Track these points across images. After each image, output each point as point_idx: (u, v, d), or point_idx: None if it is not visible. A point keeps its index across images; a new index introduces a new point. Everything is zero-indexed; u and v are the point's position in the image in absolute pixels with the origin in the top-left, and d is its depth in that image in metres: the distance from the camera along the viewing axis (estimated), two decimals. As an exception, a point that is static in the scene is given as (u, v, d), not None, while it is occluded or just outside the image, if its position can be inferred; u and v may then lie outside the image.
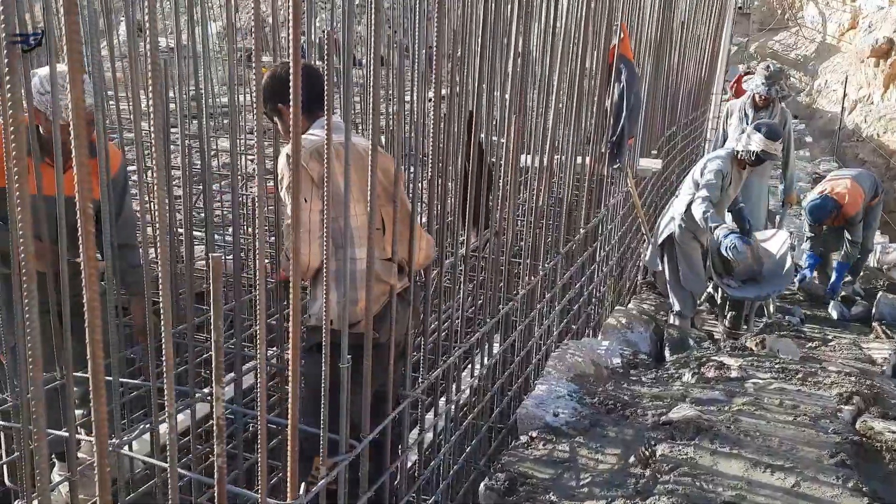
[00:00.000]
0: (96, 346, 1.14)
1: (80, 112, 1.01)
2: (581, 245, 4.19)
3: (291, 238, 2.24)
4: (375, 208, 1.90)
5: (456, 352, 2.56)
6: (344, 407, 1.89)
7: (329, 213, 1.70)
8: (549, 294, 3.66)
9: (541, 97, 3.25)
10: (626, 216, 5.65)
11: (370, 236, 1.89)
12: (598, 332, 4.79)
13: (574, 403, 2.89)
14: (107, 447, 1.17)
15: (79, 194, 1.03)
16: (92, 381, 1.14)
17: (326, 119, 1.67)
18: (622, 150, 4.61)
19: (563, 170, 3.75)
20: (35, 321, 1.02)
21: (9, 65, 0.94)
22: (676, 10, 6.48)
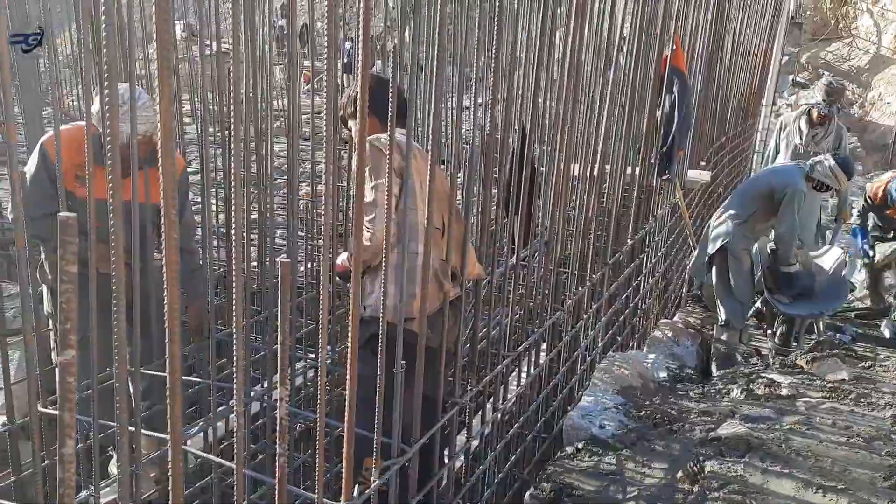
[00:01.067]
0: (175, 347, 1.19)
1: (168, 132, 1.06)
2: (628, 256, 4.17)
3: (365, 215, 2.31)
4: (434, 203, 1.92)
5: (504, 360, 2.57)
6: (397, 410, 1.92)
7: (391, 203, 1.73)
8: (596, 305, 3.65)
9: (592, 107, 3.25)
10: (672, 228, 5.60)
11: (428, 231, 1.92)
12: (643, 345, 4.75)
13: (620, 416, 2.87)
14: (180, 444, 1.21)
15: (164, 203, 1.08)
16: (169, 380, 1.19)
17: (389, 129, 1.70)
18: (672, 161, 4.57)
19: (612, 180, 3.73)
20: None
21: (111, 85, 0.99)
22: (729, 21, 6.41)
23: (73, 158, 2.67)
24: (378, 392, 1.82)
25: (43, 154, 2.73)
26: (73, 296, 0.97)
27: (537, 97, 2.64)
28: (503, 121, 2.54)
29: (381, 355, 1.80)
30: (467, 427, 2.41)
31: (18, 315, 3.83)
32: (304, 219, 4.24)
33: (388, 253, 1.79)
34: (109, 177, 1.18)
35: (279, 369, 1.45)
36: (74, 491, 1.05)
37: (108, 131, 1.15)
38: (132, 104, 2.07)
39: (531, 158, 2.73)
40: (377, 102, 1.92)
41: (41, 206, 2.67)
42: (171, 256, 1.13)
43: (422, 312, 1.99)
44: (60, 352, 0.98)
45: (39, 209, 2.68)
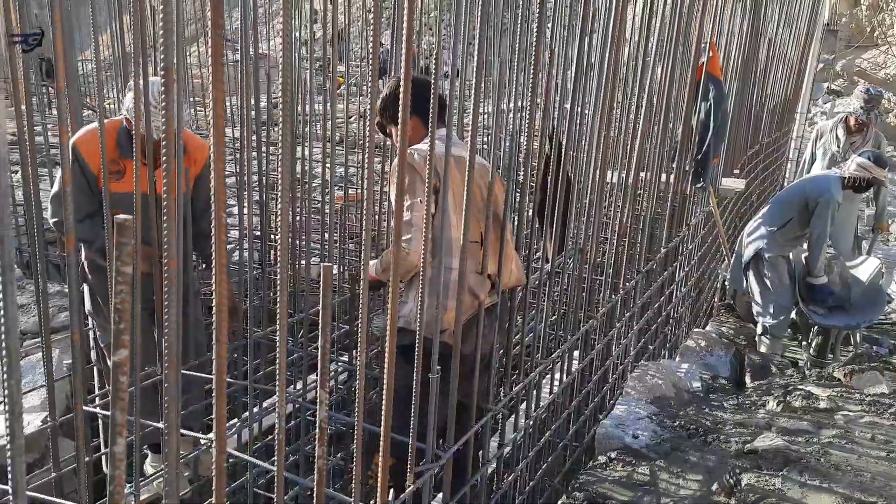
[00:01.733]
0: (222, 349, 1.20)
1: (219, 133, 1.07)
2: (661, 264, 4.13)
3: (398, 236, 2.31)
4: (470, 220, 1.92)
5: (538, 367, 2.56)
6: (432, 415, 1.92)
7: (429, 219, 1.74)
8: (629, 313, 3.62)
9: (628, 113, 3.23)
10: (705, 236, 5.54)
11: (464, 248, 1.91)
12: (675, 354, 4.70)
13: (654, 426, 2.84)
14: (225, 443, 1.23)
15: (216, 207, 1.09)
16: (215, 381, 1.20)
17: (430, 134, 1.70)
18: (707, 168, 4.52)
19: (647, 187, 3.71)
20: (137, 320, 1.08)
21: (166, 85, 1.01)
22: (764, 28, 6.33)
23: (106, 154, 2.72)
24: (411, 398, 1.83)
25: (75, 154, 2.74)
26: (128, 296, 0.99)
27: (574, 102, 2.64)
28: (539, 126, 2.54)
29: (416, 364, 1.80)
30: (500, 434, 2.40)
31: (56, 314, 3.90)
32: (338, 222, 4.27)
33: (425, 266, 1.79)
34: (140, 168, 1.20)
35: (320, 373, 1.46)
36: (124, 488, 1.06)
37: (154, 121, 1.17)
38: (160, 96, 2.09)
39: (564, 164, 2.72)
40: (417, 103, 1.85)
41: (81, 208, 2.70)
42: (220, 259, 1.14)
43: (457, 324, 1.98)
44: (114, 351, 1.00)
45: (80, 211, 2.71)
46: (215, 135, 1.08)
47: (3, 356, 0.89)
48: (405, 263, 2.32)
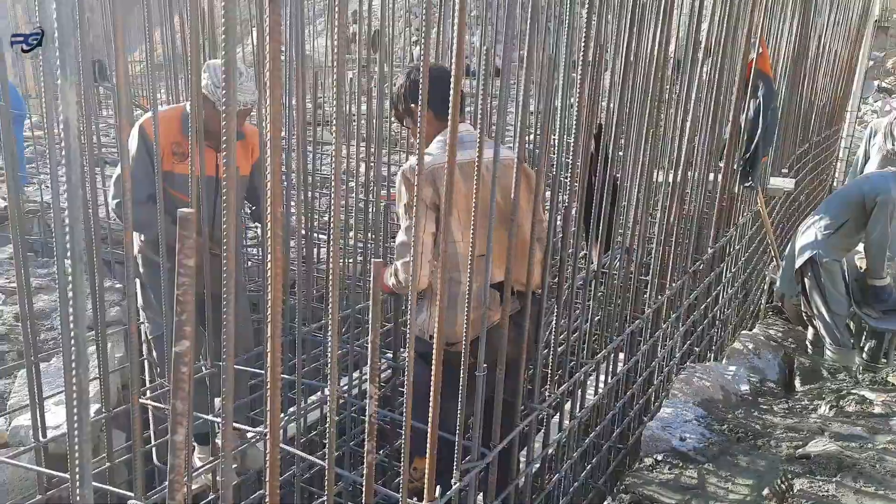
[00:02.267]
0: (276, 343, 1.21)
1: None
2: (708, 265, 4.06)
3: (399, 257, 2.32)
4: (482, 234, 1.85)
5: (584, 368, 2.54)
6: (478, 413, 1.92)
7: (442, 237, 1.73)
8: (675, 314, 3.56)
9: (677, 111, 3.18)
10: (752, 237, 5.42)
11: (472, 262, 1.85)
12: (720, 356, 4.61)
13: (702, 429, 2.79)
14: (279, 436, 1.24)
15: (272, 205, 1.10)
16: (271, 376, 1.21)
17: (450, 135, 1.69)
18: (755, 167, 4.43)
19: (694, 187, 3.64)
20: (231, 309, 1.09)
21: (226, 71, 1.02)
22: (814, 25, 6.18)
23: (169, 136, 2.76)
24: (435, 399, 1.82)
25: (142, 134, 2.79)
26: (191, 288, 1.00)
27: (624, 98, 2.60)
28: (585, 123, 2.51)
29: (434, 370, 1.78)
30: (544, 434, 2.38)
31: (107, 309, 3.99)
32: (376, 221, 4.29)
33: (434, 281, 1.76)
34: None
35: (370, 367, 1.47)
36: (184, 478, 1.08)
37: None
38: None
39: (611, 162, 2.68)
40: (431, 94, 1.71)
41: (144, 188, 2.75)
42: (277, 252, 1.15)
43: (474, 335, 1.92)
44: (176, 342, 1.01)
45: (143, 191, 2.75)
46: (273, 131, 1.09)
47: (72, 345, 0.91)
48: (400, 287, 2.34)
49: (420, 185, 2.21)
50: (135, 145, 2.78)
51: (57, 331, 4.32)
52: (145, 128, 2.75)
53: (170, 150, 2.77)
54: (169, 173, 2.77)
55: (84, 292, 0.88)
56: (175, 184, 2.75)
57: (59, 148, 0.85)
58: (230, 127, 1.05)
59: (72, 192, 0.84)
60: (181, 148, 2.79)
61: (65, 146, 0.82)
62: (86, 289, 3.08)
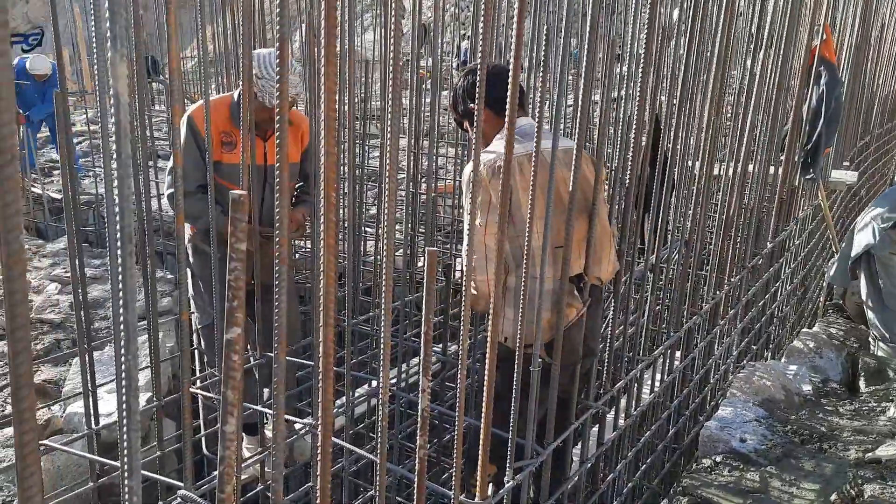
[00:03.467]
0: (329, 331, 1.17)
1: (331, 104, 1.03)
2: (767, 260, 3.91)
3: (467, 260, 2.27)
4: (551, 224, 1.79)
5: (640, 365, 2.45)
6: (532, 413, 1.85)
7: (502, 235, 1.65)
8: (733, 310, 3.43)
9: (739, 101, 3.05)
10: (812, 232, 5.22)
11: (544, 254, 1.79)
12: (778, 354, 4.44)
13: (763, 430, 2.67)
14: (331, 428, 1.20)
15: (325, 201, 1.06)
16: (322, 366, 1.17)
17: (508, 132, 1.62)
18: (817, 159, 4.25)
19: (755, 179, 3.50)
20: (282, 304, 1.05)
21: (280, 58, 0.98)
22: (877, 12, 5.92)
23: (217, 126, 2.76)
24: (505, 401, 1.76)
25: (191, 125, 2.77)
26: (243, 273, 0.96)
27: (685, 88, 2.50)
28: (639, 113, 2.42)
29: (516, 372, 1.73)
30: (600, 433, 2.30)
31: (159, 299, 4.02)
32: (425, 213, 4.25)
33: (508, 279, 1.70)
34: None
35: (422, 359, 1.41)
36: (234, 468, 1.04)
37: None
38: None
39: (664, 152, 2.58)
40: (491, 93, 1.71)
41: (195, 179, 2.75)
42: (329, 240, 1.10)
43: (556, 332, 1.87)
44: (227, 329, 0.98)
45: (193, 182, 2.75)
46: (326, 124, 1.05)
47: (122, 331, 0.88)
48: (477, 297, 2.27)
49: (490, 179, 2.17)
50: (183, 136, 2.77)
51: (111, 320, 4.40)
52: (194, 118, 2.75)
53: (219, 139, 2.76)
54: (217, 163, 2.76)
55: (135, 278, 0.85)
56: (223, 173, 2.74)
57: (111, 134, 0.81)
58: (283, 116, 1.01)
59: (122, 169, 0.80)
60: (230, 137, 2.78)
61: (115, 120, 0.78)
62: (138, 279, 3.12)
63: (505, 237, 1.58)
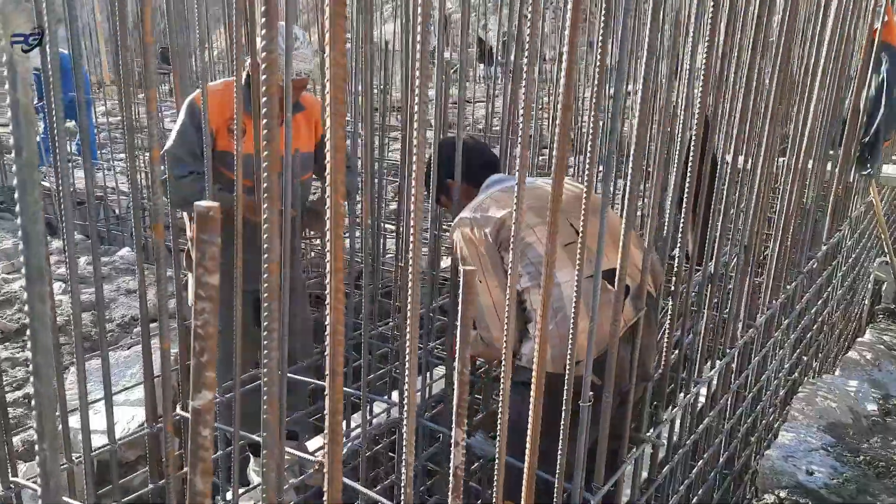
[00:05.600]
0: (337, 352, 0.89)
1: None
2: (821, 264, 3.58)
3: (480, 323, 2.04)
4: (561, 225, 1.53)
5: (695, 388, 2.15)
6: (581, 451, 1.57)
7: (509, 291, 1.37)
8: (787, 320, 3.11)
9: (802, 91, 2.73)
10: (863, 231, 4.87)
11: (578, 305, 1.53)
12: (825, 365, 4.12)
13: (832, 460, 2.37)
14: (340, 454, 0.93)
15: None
16: (329, 407, 0.89)
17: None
18: (876, 153, 3.91)
19: (812, 176, 3.18)
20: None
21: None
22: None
23: (224, 113, 2.50)
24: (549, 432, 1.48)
25: (192, 110, 2.51)
26: (212, 318, 0.69)
27: (747, 78, 2.19)
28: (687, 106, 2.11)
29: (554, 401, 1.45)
30: (652, 466, 2.01)
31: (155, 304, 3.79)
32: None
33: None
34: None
35: (455, 403, 1.13)
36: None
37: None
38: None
39: (713, 151, 2.28)
40: (465, 167, 2.00)
41: (187, 165, 2.49)
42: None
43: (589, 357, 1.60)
44: (194, 394, 0.71)
45: (185, 168, 2.49)
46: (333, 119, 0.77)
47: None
48: (490, 352, 2.12)
49: (468, 237, 2.01)
50: (181, 122, 2.51)
51: (115, 322, 4.17)
52: (196, 103, 2.48)
53: (225, 126, 2.49)
54: (225, 153, 2.49)
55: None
56: (230, 165, 2.48)
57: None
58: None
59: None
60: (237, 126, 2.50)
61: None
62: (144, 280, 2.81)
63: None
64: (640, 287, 1.81)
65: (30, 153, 0.53)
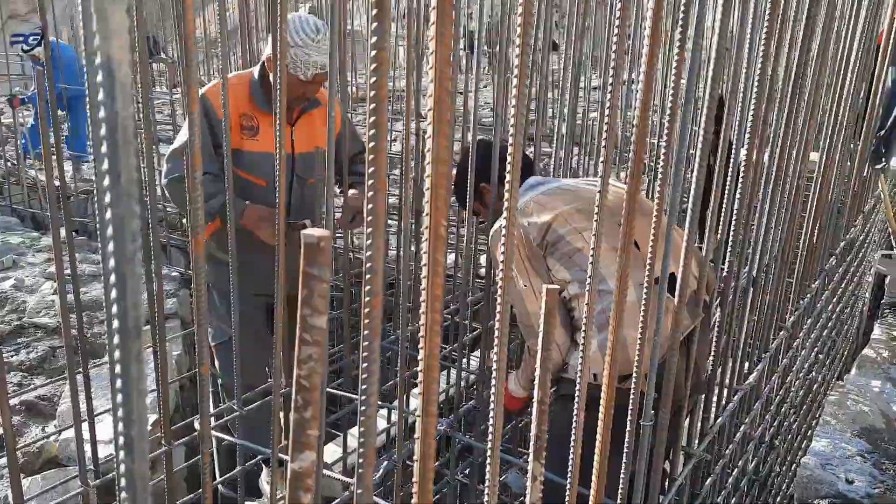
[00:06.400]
0: (374, 353, 0.78)
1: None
2: (839, 260, 3.51)
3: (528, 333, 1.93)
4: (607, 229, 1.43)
5: (735, 396, 2.07)
6: (642, 470, 1.47)
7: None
8: (810, 319, 3.04)
9: (829, 76, 2.64)
10: (871, 224, 4.82)
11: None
12: (838, 364, 4.07)
13: (870, 467, 2.30)
14: (372, 470, 0.82)
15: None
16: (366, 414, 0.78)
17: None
18: (891, 146, 3.84)
19: (834, 169, 3.10)
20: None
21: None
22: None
23: (237, 108, 2.36)
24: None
25: (204, 105, 2.37)
26: (319, 365, 0.58)
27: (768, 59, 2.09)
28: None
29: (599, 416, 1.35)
30: (699, 480, 1.92)
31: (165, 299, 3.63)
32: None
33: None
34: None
35: (533, 443, 1.02)
36: None
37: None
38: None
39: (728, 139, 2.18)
40: (489, 171, 1.94)
41: (202, 165, 2.34)
42: (437, 242, 0.71)
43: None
44: (294, 457, 0.59)
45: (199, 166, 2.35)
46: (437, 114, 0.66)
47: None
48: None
49: (532, 246, 1.90)
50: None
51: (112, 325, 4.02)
52: (209, 98, 2.33)
53: (238, 123, 2.35)
54: (237, 152, 2.36)
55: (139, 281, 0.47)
56: (243, 163, 2.34)
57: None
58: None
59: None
60: (251, 121, 2.37)
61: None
62: (142, 277, 2.66)
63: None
64: (698, 293, 1.71)
65: (128, 180, 0.41)
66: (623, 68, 2.80)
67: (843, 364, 4.63)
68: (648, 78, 1.13)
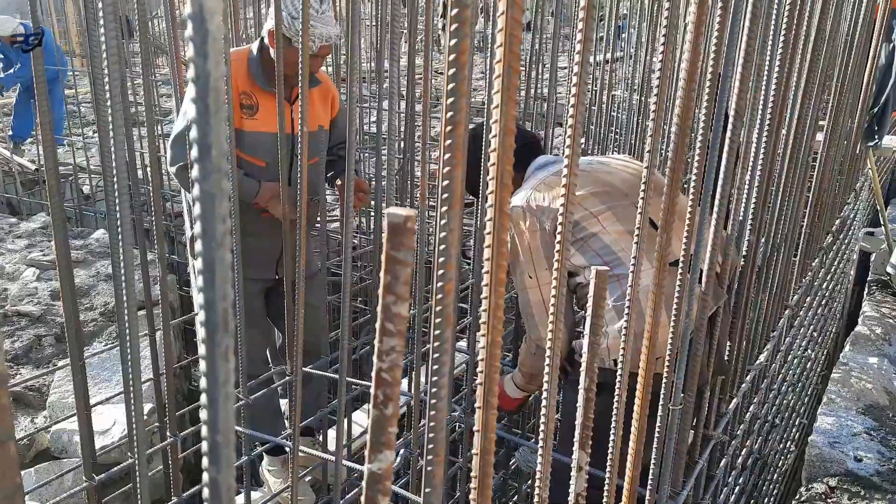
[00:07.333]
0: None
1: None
2: (834, 237, 3.52)
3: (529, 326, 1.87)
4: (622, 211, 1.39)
5: (749, 376, 2.05)
6: (669, 457, 1.44)
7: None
8: (810, 298, 3.04)
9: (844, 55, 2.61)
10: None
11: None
12: (827, 340, 4.10)
13: (877, 445, 2.30)
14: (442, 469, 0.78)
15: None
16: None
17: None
18: (883, 124, 3.85)
19: (831, 147, 3.09)
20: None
21: None
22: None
23: (235, 86, 2.27)
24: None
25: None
26: (399, 359, 0.52)
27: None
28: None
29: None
30: (710, 463, 1.91)
31: (152, 286, 3.56)
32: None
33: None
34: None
35: (580, 434, 0.98)
36: None
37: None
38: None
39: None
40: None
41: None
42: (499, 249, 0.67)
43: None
44: (372, 457, 0.54)
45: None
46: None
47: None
48: (539, 363, 1.93)
49: (519, 223, 1.84)
50: (189, 97, 2.26)
51: (97, 310, 3.92)
52: None
53: (237, 102, 2.26)
54: (237, 132, 2.27)
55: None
56: (244, 144, 2.25)
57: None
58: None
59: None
60: (250, 100, 2.28)
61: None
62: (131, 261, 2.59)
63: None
64: (721, 276, 1.68)
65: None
66: (590, 49, 2.71)
67: (832, 342, 4.68)
68: (692, 66, 1.09)
